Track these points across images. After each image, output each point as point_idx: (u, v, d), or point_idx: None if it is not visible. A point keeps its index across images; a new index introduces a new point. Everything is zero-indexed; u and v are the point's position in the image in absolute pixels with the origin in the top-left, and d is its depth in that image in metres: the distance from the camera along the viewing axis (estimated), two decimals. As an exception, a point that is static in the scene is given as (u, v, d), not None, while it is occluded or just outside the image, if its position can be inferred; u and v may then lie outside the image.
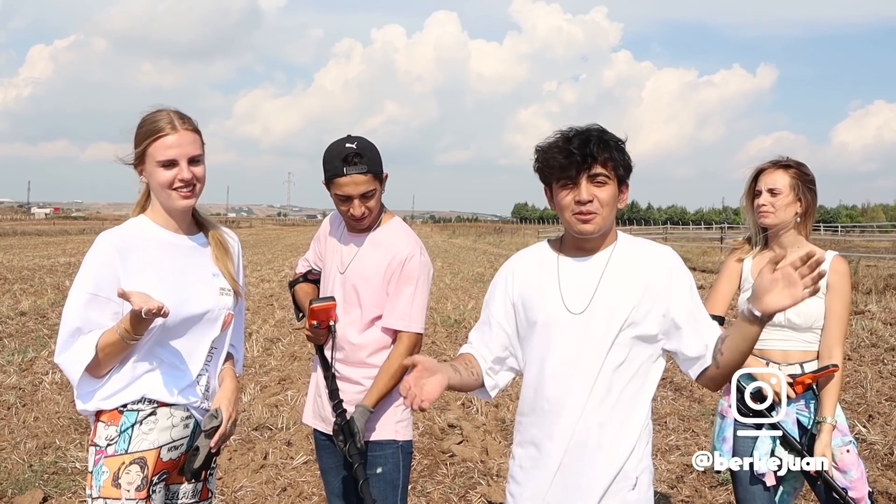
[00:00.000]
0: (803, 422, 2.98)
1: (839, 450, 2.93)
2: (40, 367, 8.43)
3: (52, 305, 12.91)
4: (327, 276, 3.10)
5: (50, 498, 4.81)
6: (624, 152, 2.21)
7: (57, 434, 6.13)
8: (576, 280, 2.26)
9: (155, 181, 2.45)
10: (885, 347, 9.73)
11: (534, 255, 2.39)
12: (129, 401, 2.40)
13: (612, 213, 2.22)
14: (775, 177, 3.07)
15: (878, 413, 6.79)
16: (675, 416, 6.88)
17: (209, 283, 2.54)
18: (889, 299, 14.61)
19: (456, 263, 27.43)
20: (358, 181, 2.84)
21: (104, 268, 2.38)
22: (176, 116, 2.46)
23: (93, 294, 2.36)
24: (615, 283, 2.22)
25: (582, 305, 2.22)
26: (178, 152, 2.42)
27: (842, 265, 3.05)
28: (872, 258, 23.27)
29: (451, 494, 5.07)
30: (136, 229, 2.50)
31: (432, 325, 11.90)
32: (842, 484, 2.91)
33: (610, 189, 2.19)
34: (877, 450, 5.79)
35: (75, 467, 5.35)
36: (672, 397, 7.53)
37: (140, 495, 2.36)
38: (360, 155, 2.83)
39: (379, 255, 2.97)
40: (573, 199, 2.18)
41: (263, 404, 7.01)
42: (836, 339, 2.98)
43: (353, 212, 2.90)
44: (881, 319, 12.05)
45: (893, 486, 5.00)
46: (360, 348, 2.95)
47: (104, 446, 2.39)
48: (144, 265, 2.42)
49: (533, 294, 2.30)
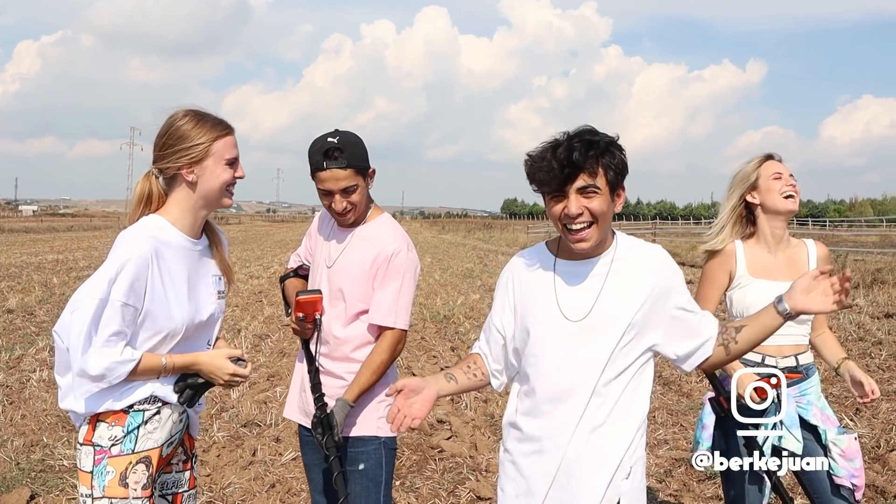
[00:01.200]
0: (801, 414, 2.99)
1: (847, 437, 2.94)
2: (28, 364, 8.39)
3: (39, 303, 12.85)
4: (315, 271, 3.11)
5: (37, 496, 4.78)
6: (615, 155, 2.14)
7: (44, 432, 6.10)
8: (574, 287, 2.24)
9: (218, 180, 2.43)
10: (873, 341, 9.77)
11: (533, 259, 2.37)
12: (138, 400, 2.38)
13: (606, 223, 2.17)
14: (783, 166, 3.11)
15: (865, 407, 6.82)
16: (663, 411, 6.90)
17: (211, 287, 2.56)
18: (876, 293, 14.67)
19: (445, 259, 27.41)
20: (338, 176, 2.83)
21: (140, 278, 2.31)
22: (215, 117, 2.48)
23: (124, 303, 2.28)
24: (617, 290, 2.21)
25: (582, 313, 2.21)
26: (237, 152, 2.48)
27: (822, 250, 3.15)
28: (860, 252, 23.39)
29: (440, 490, 5.07)
30: (162, 234, 2.42)
31: (421, 320, 11.90)
32: (847, 472, 2.91)
33: (601, 199, 2.12)
34: (864, 443, 5.81)
35: (63, 465, 5.33)
36: (661, 392, 7.54)
37: (146, 493, 2.38)
38: (340, 149, 2.82)
39: (365, 249, 2.96)
40: (562, 210, 2.13)
41: (252, 401, 7.00)
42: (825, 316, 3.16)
43: (335, 206, 2.89)
44: (868, 313, 12.09)
45: (880, 479, 5.03)
46: (345, 342, 2.95)
47: (108, 447, 2.37)
48: (169, 277, 2.39)
49: (529, 301, 2.29)
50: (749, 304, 3.02)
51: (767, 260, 3.08)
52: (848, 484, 2.91)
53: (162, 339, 2.39)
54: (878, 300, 13.71)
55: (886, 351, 9.15)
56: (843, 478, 2.91)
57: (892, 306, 12.72)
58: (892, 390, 7.43)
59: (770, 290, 2.97)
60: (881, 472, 5.24)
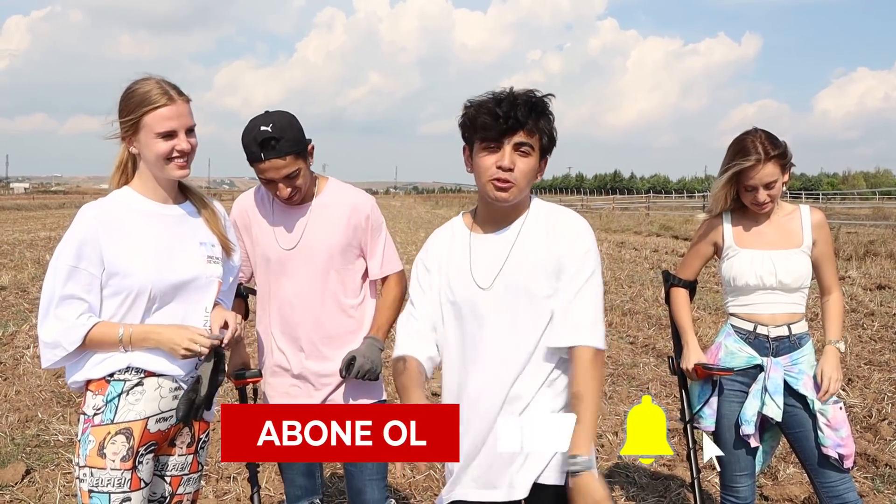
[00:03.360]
0: (791, 383, 3.00)
1: (833, 407, 2.95)
2: (21, 341, 8.38)
3: (32, 280, 12.80)
4: (266, 262, 3.00)
5: (33, 471, 4.79)
6: (551, 122, 2.18)
7: (39, 407, 6.10)
8: (486, 254, 2.25)
9: (151, 152, 2.40)
10: (865, 312, 9.82)
11: (448, 234, 2.37)
12: (116, 369, 2.37)
13: (528, 184, 2.20)
14: (766, 171, 2.90)
15: (857, 377, 6.86)
16: (657, 382, 6.92)
17: (196, 251, 2.51)
18: (869, 265, 14.72)
19: (439, 234, 27.28)
20: (278, 165, 2.77)
21: (85, 240, 2.35)
22: (169, 86, 2.41)
23: (73, 266, 2.33)
24: (523, 258, 2.20)
25: (489, 280, 2.21)
26: (178, 124, 2.39)
27: (817, 215, 3.07)
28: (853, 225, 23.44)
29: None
30: (121, 201, 2.46)
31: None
32: (833, 441, 2.93)
33: (532, 161, 2.17)
34: (856, 412, 5.85)
35: (58, 440, 5.34)
36: (654, 363, 7.58)
37: (125, 466, 2.35)
38: (276, 138, 2.73)
39: (333, 215, 2.95)
40: (494, 163, 2.14)
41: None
42: (832, 277, 3.13)
43: (280, 194, 2.85)
44: (861, 285, 12.15)
45: (871, 448, 5.07)
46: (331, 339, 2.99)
47: (91, 415, 2.38)
48: (128, 236, 2.39)
49: (450, 273, 2.28)
50: (735, 274, 3.04)
51: (756, 229, 3.07)
52: (834, 454, 2.93)
53: (129, 299, 2.37)
54: (871, 272, 13.76)
55: (879, 322, 9.20)
56: (829, 447, 2.93)
57: (884, 278, 12.78)
58: (884, 361, 7.47)
59: (756, 259, 3.01)
60: (873, 440, 5.29)
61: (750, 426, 3.01)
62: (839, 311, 3.11)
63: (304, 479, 3.20)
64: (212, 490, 4.59)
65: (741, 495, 3.13)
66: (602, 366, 2.19)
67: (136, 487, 2.37)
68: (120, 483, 2.34)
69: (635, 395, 6.60)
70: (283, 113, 2.83)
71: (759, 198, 2.95)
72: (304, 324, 2.97)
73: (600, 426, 5.56)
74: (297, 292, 2.95)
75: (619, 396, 6.53)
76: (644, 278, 13.54)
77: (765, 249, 3.02)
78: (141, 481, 2.39)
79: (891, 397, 6.26)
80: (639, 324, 9.33)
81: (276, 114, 2.82)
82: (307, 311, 2.96)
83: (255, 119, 2.81)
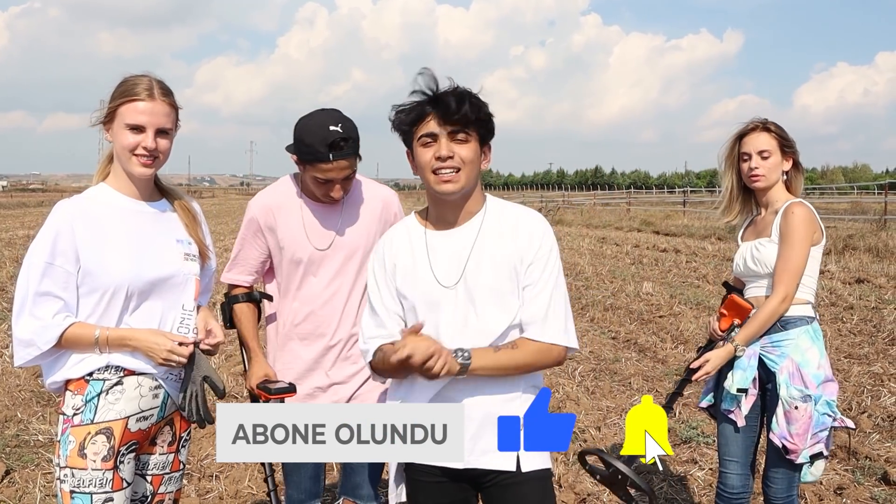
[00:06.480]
0: (769, 364, 3.03)
1: (790, 402, 2.97)
2: (0, 340, 8.29)
3: (10, 279, 12.66)
4: (296, 263, 2.91)
5: (12, 471, 4.74)
6: (482, 109, 2.17)
7: (18, 407, 6.04)
8: (446, 252, 2.24)
9: (118, 142, 2.40)
10: (844, 306, 9.91)
11: (403, 232, 2.35)
12: (96, 368, 2.36)
13: (474, 172, 2.20)
14: (761, 139, 3.07)
15: (837, 370, 6.92)
16: (639, 377, 6.96)
17: (172, 248, 2.50)
18: (848, 259, 14.85)
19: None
20: (343, 166, 2.72)
21: (60, 236, 2.33)
22: (157, 85, 2.42)
23: (48, 263, 2.32)
24: (486, 255, 2.21)
25: (454, 278, 2.21)
26: (149, 120, 2.38)
27: (789, 207, 3.02)
28: (832, 219, 23.62)
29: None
30: (96, 197, 2.46)
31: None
32: (780, 432, 2.96)
33: (471, 147, 2.17)
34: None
35: (38, 440, 5.29)
36: (636, 358, 7.61)
37: (107, 466, 2.33)
38: (345, 139, 2.68)
39: (366, 212, 2.92)
40: (433, 155, 2.15)
41: (228, 373, 6.96)
42: (779, 273, 2.98)
43: (335, 195, 2.80)
44: (840, 279, 12.26)
45: (851, 440, 5.11)
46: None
47: (71, 415, 2.36)
48: (103, 233, 2.38)
49: (408, 271, 2.27)
50: (735, 266, 3.23)
51: (754, 224, 3.22)
52: (777, 442, 2.97)
53: (106, 297, 2.36)
54: (850, 266, 13.89)
55: (858, 315, 9.29)
56: (775, 435, 2.98)
57: (862, 272, 12.90)
58: (863, 354, 7.55)
59: (742, 250, 3.19)
60: (853, 433, 5.33)
61: (728, 403, 3.10)
62: (761, 318, 3.01)
63: (311, 483, 3.11)
64: (194, 489, 4.57)
65: (728, 483, 3.14)
66: (555, 363, 2.25)
67: (119, 487, 2.36)
68: (102, 483, 2.32)
69: (618, 390, 6.63)
70: (340, 111, 2.77)
71: (752, 164, 3.07)
72: (332, 322, 2.92)
73: (582, 421, 5.58)
74: (328, 290, 2.91)
75: (601, 392, 6.55)
76: (625, 273, 13.59)
77: (747, 241, 3.18)
78: (123, 481, 2.37)
79: (870, 390, 6.33)
80: (620, 319, 9.24)
81: (338, 112, 2.76)
82: (335, 309, 2.91)
83: (318, 117, 2.73)
